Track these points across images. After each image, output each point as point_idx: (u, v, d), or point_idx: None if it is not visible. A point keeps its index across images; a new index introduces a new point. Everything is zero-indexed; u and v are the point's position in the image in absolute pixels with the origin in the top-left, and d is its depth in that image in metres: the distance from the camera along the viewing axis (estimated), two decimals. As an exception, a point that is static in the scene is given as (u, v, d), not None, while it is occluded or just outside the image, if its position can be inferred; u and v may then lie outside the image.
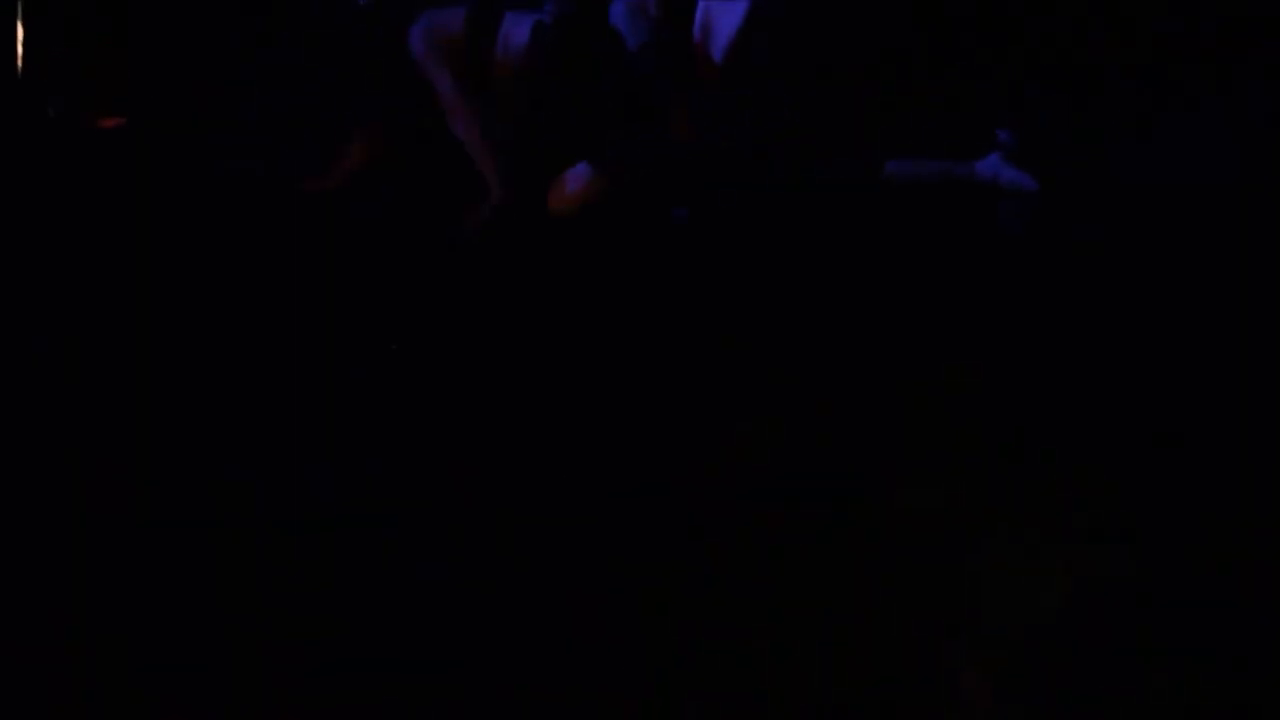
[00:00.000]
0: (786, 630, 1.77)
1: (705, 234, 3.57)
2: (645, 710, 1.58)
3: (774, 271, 3.37)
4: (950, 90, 3.44)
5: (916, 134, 3.10)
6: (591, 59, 3.10)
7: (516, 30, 3.20)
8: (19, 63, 3.21)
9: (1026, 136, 3.54)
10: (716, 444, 2.59)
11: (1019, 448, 2.53)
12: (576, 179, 3.23)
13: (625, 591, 1.90)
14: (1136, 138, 3.53)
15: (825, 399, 2.85)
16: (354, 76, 3.58)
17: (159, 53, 3.50)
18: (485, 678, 1.65)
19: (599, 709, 1.58)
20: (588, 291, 3.38)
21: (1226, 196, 3.37)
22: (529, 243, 3.57)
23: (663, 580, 1.94)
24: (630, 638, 1.75)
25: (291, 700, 1.61)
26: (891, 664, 1.68)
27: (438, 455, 2.54)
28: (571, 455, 2.57)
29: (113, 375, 2.78)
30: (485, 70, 3.25)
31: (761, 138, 3.10)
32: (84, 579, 1.91)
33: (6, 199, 2.65)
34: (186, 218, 3.48)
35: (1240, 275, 3.26)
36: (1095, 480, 2.33)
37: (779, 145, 3.07)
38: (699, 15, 3.27)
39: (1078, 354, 3.12)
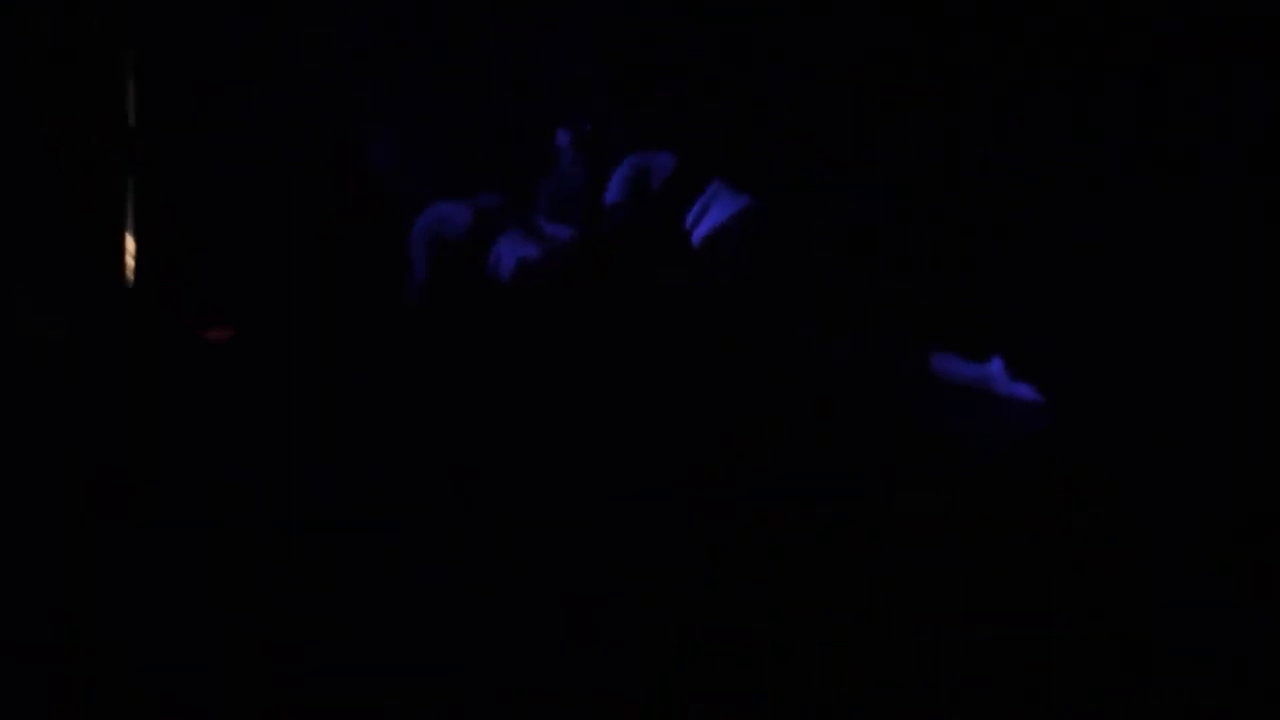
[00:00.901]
0: (786, 630, 1.77)
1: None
2: (645, 711, 1.59)
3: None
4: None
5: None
6: (577, 290, 3.15)
7: (507, 256, 3.23)
8: (129, 275, 3.29)
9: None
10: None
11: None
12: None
13: (625, 593, 1.90)
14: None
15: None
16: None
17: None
18: (485, 679, 1.65)
19: (599, 710, 1.58)
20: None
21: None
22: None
23: (663, 582, 1.95)
24: (630, 639, 1.75)
25: (292, 700, 1.62)
26: (891, 664, 1.68)
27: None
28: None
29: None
30: (473, 271, 3.27)
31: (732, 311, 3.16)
32: (84, 578, 1.92)
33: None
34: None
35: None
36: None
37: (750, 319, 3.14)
38: (696, 206, 3.34)
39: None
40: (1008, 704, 1.61)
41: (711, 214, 3.28)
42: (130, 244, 3.32)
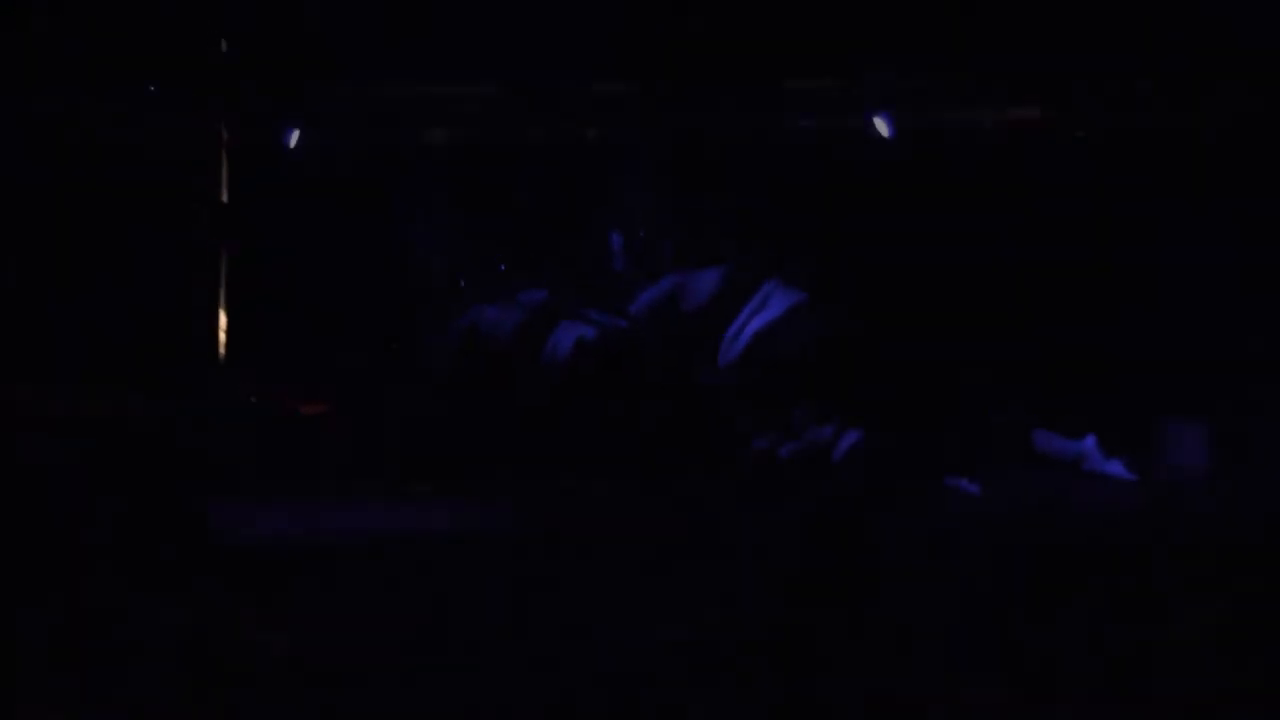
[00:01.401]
0: (787, 633, 1.76)
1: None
2: (645, 712, 1.58)
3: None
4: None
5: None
6: (626, 376, 3.17)
7: (565, 339, 3.24)
8: (221, 350, 3.38)
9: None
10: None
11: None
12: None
13: (625, 591, 1.90)
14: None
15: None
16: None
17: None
18: (486, 679, 1.65)
19: (598, 710, 1.57)
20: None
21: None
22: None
23: (662, 581, 1.95)
24: (630, 638, 1.75)
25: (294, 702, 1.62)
26: (891, 663, 1.68)
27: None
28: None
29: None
30: (512, 371, 3.27)
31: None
32: (81, 589, 1.92)
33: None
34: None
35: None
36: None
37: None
38: (749, 308, 3.34)
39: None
40: (1008, 704, 1.61)
41: (762, 314, 3.29)
42: (223, 319, 3.40)
